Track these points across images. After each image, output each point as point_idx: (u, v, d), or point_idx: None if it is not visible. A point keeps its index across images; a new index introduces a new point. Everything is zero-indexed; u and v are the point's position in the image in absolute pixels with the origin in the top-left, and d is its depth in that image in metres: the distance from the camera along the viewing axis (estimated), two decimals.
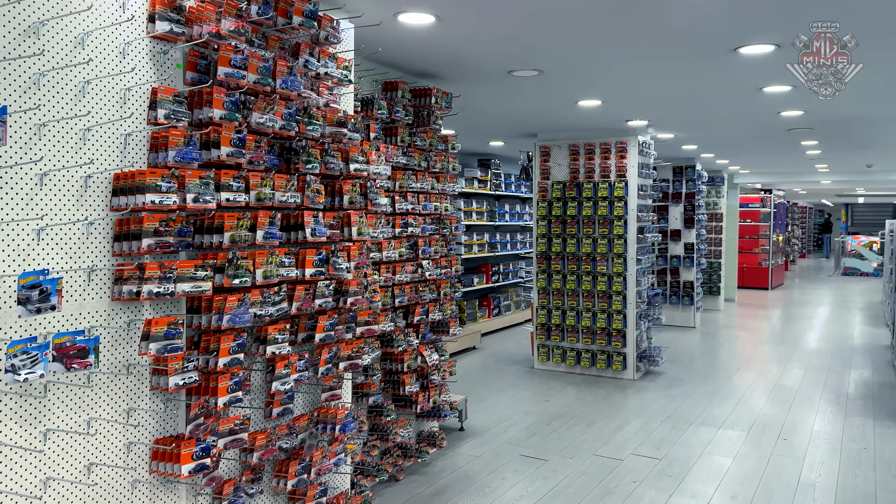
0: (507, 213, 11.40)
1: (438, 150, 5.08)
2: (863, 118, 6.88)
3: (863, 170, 13.78)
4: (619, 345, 7.80)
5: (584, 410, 6.56)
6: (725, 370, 8.30)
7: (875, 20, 3.59)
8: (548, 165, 8.24)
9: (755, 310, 13.99)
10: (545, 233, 8.18)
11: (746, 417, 6.31)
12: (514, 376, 7.98)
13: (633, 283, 7.76)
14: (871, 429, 6.00)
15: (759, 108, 6.39)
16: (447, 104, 5.05)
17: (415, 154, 4.80)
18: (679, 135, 8.53)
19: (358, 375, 4.07)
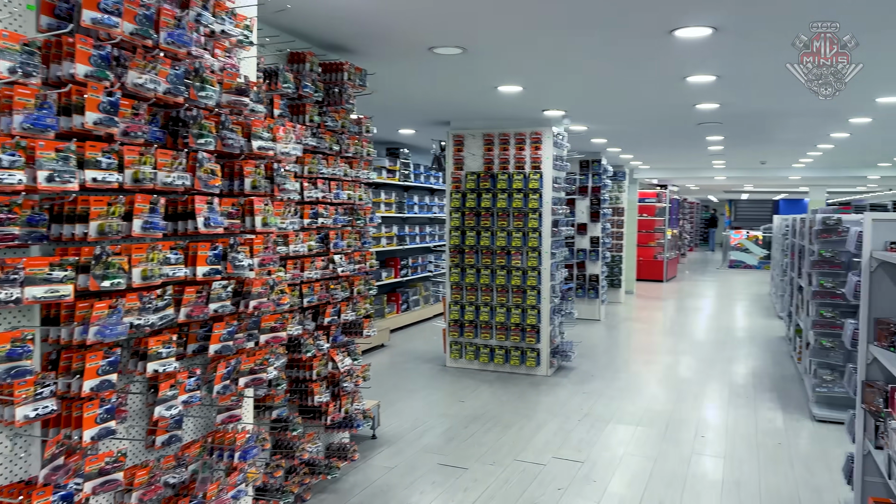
0: (416, 205, 10.99)
1: (351, 132, 4.59)
2: (769, 112, 6.95)
3: (756, 166, 14.34)
4: (533, 340, 7.58)
5: (500, 411, 6.26)
6: (634, 364, 8.27)
7: (797, 12, 3.46)
8: (461, 155, 7.89)
9: (654, 301, 14.29)
10: (459, 225, 7.83)
11: (662, 414, 6.22)
12: (426, 376, 7.60)
13: (548, 277, 7.55)
14: (781, 422, 6.04)
15: (679, 100, 6.29)
16: (361, 82, 4.57)
17: (325, 136, 4.29)
18: (592, 127, 8.40)
19: (261, 389, 3.54)
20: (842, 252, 6.18)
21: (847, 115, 6.98)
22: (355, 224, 4.61)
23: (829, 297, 6.15)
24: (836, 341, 6.15)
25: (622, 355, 8.80)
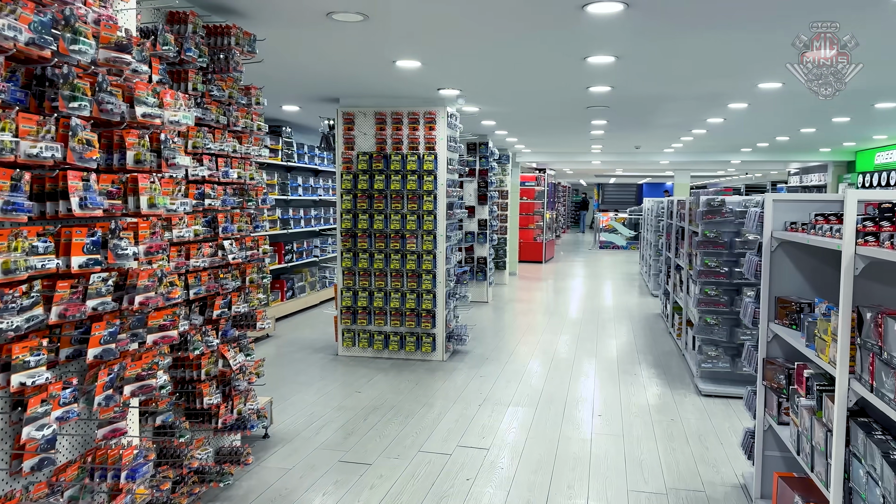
0: (300, 187, 10.48)
1: (240, 104, 4.15)
2: (657, 96, 7.12)
3: (630, 151, 14.93)
4: (429, 326, 7.41)
5: (399, 400, 6.05)
6: (526, 345, 8.32)
7: None
8: (352, 134, 7.53)
9: (536, 282, 14.59)
10: (350, 208, 7.48)
11: (558, 395, 6.25)
12: (318, 366, 7.24)
13: (443, 260, 7.39)
14: (671, 398, 6.24)
15: (575, 81, 6.28)
16: (250, 48, 4.14)
17: (211, 107, 3.84)
18: (484, 109, 8.30)
19: None
20: (725, 232, 6.46)
21: (728, 100, 7.29)
22: (246, 206, 4.19)
23: (713, 275, 6.41)
24: (719, 318, 6.43)
25: (514, 337, 8.84)
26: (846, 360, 2.61)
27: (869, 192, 2.62)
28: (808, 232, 3.43)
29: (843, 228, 2.60)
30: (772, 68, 5.56)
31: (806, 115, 8.36)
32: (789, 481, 3.48)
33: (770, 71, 5.68)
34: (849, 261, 2.58)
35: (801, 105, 7.47)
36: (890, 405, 2.22)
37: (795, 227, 3.68)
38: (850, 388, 2.60)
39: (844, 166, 14.65)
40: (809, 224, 3.45)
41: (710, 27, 4.30)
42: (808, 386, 3.18)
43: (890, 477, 2.16)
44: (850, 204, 2.58)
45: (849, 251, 2.58)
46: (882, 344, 2.30)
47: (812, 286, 3.86)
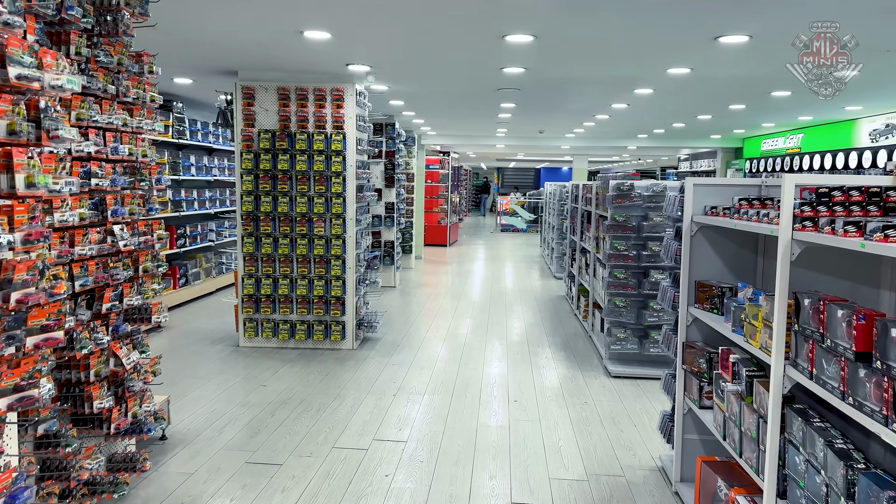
0: (192, 166, 9.81)
1: (131, 72, 3.70)
2: (569, 79, 7.10)
3: (534, 135, 15.06)
4: (339, 313, 7.11)
5: (309, 393, 5.75)
6: (437, 331, 8.18)
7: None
8: (252, 111, 7.06)
9: (442, 266, 14.51)
10: (252, 190, 7.03)
11: (472, 381, 6.15)
12: (217, 359, 6.78)
13: (353, 245, 7.10)
14: (582, 381, 6.27)
15: (489, 60, 6.13)
16: (142, 10, 3.69)
17: (98, 74, 3.39)
18: (393, 87, 8.02)
19: None
20: (633, 216, 6.54)
21: (636, 85, 7.37)
22: (138, 186, 3.76)
23: (622, 259, 6.48)
24: (628, 301, 6.52)
25: (424, 322, 8.69)
26: (782, 346, 2.59)
27: (806, 177, 2.61)
28: (731, 216, 3.44)
29: (781, 213, 2.57)
30: (684, 53, 5.62)
31: (706, 101, 8.63)
32: (713, 465, 3.51)
33: (682, 56, 5.75)
34: (785, 246, 2.56)
35: (704, 91, 7.68)
36: (834, 393, 2.19)
37: (716, 212, 3.69)
38: (785, 375, 2.59)
39: (732, 152, 15.43)
40: (733, 208, 3.45)
41: (633, 6, 4.24)
42: (735, 371, 3.18)
43: (835, 465, 2.14)
44: (788, 188, 2.54)
45: (785, 236, 2.55)
46: (825, 331, 2.27)
47: (731, 270, 3.90)
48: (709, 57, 5.63)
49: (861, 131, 9.96)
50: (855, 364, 2.07)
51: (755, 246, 3.88)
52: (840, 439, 2.24)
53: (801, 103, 8.48)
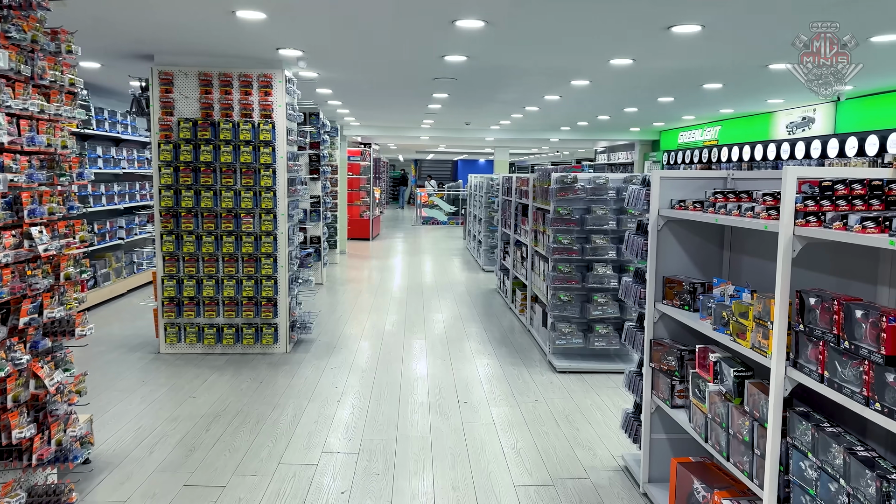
0: (99, 158, 9.05)
1: (47, 51, 3.21)
2: (508, 69, 6.93)
3: (460, 127, 14.90)
4: (270, 315, 6.69)
5: (245, 403, 5.34)
6: (373, 330, 7.88)
7: None
8: (171, 98, 6.51)
9: (367, 260, 14.16)
10: (171, 184, 6.49)
11: (418, 382, 5.92)
12: (138, 368, 6.24)
13: (285, 242, 6.69)
14: (529, 377, 6.16)
15: (433, 47, 5.87)
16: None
17: (9, 52, 2.90)
18: (324, 75, 7.62)
19: None
20: (576, 210, 6.47)
21: (574, 76, 7.30)
22: (58, 182, 3.29)
23: (566, 253, 6.39)
24: (572, 295, 6.44)
25: (359, 321, 8.36)
26: (783, 347, 2.49)
27: (807, 170, 2.51)
28: (705, 210, 3.34)
29: (781, 208, 2.46)
30: (633, 42, 5.55)
31: (638, 94, 8.70)
32: (688, 467, 3.42)
33: (629, 46, 5.68)
34: (787, 243, 2.45)
35: (639, 84, 7.70)
36: (854, 398, 2.09)
37: (684, 205, 3.59)
38: (786, 377, 2.49)
39: (650, 145, 15.81)
40: (707, 202, 3.36)
41: None
42: (718, 371, 3.08)
43: (861, 474, 2.04)
44: (790, 182, 2.44)
45: (787, 233, 2.45)
46: (840, 333, 2.17)
47: (696, 265, 3.82)
48: (656, 47, 5.58)
49: (778, 124, 10.35)
50: (883, 368, 1.96)
51: (721, 240, 3.82)
52: (860, 446, 2.15)
53: (727, 96, 8.69)
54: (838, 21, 3.19)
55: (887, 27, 4.88)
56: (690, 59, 6.14)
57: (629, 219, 6.33)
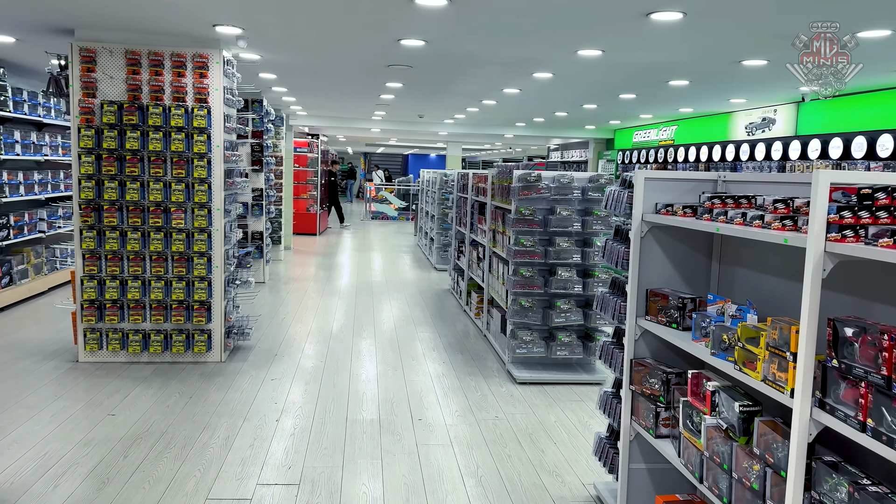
0: (17, 144, 8.20)
1: None
2: (469, 58, 6.47)
3: (412, 120, 14.37)
4: (203, 320, 6.07)
5: (171, 422, 4.74)
6: (318, 334, 7.32)
7: None
8: (94, 77, 5.82)
9: (313, 257, 13.53)
10: (93, 173, 5.81)
11: (367, 397, 5.41)
12: (52, 379, 5.54)
13: (221, 240, 6.08)
14: (487, 389, 5.72)
15: (388, 29, 5.35)
16: None
17: None
18: (267, 57, 7.01)
19: None
20: (539, 210, 6.05)
21: (538, 68, 6.88)
22: None
23: (528, 255, 5.97)
24: (534, 301, 6.03)
25: (302, 324, 7.77)
26: (809, 385, 2.09)
27: (842, 174, 2.11)
28: (699, 216, 2.94)
29: (811, 219, 2.05)
30: (606, 29, 5.14)
31: (599, 89, 8.36)
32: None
33: (601, 34, 5.28)
34: (817, 261, 2.05)
35: (602, 78, 7.35)
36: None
37: (672, 210, 3.19)
38: (811, 420, 2.09)
39: (604, 143, 15.61)
40: (702, 208, 2.96)
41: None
42: (716, 402, 2.68)
43: None
44: (822, 189, 2.03)
45: (817, 249, 2.04)
46: (894, 374, 1.77)
47: (682, 276, 3.43)
48: (629, 37, 5.20)
49: (737, 124, 10.18)
50: None
51: (709, 249, 3.43)
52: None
53: (691, 94, 8.42)
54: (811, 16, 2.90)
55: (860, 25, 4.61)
56: (662, 52, 5.79)
57: (595, 220, 5.95)
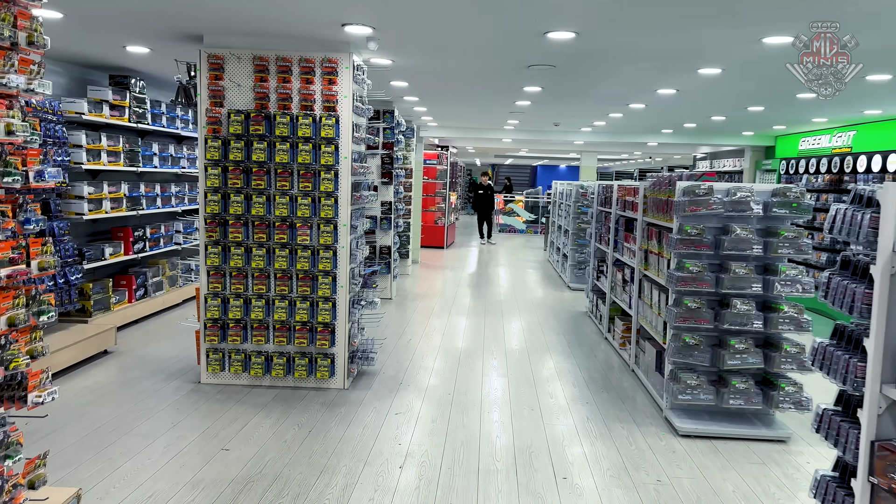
0: (155, 156, 8.26)
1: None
2: (621, 50, 5.61)
3: (546, 129, 13.59)
4: (326, 344, 5.62)
5: (287, 462, 4.26)
6: (445, 360, 6.71)
7: None
8: (221, 86, 5.55)
9: (441, 272, 13.05)
10: (219, 186, 5.53)
11: (504, 443, 4.69)
12: (171, 403, 5.27)
13: (346, 258, 5.61)
14: (643, 442, 4.84)
15: (534, 20, 4.65)
16: None
17: None
18: (399, 61, 6.52)
19: None
20: (710, 228, 5.11)
21: (702, 62, 5.92)
22: (3, 184, 2.26)
23: (695, 283, 5.03)
24: (700, 337, 5.08)
25: (429, 347, 7.21)
26: None
27: None
28: None
29: None
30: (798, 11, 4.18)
31: (773, 87, 7.20)
32: None
33: (795, 16, 4.29)
34: None
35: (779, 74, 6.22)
36: None
37: None
38: None
39: (762, 151, 14.06)
40: None
41: None
42: None
43: None
44: None
45: None
46: None
47: None
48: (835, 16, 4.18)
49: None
50: None
51: None
52: None
53: (887, 92, 7.07)
54: None
55: None
56: (874, 36, 4.68)
57: (781, 243, 4.92)
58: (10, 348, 2.24)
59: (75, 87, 7.27)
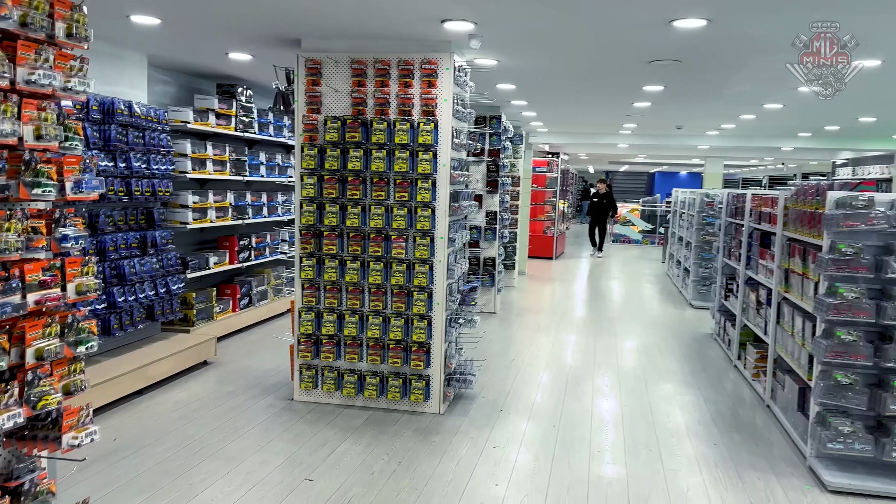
0: (262, 165, 8.25)
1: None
2: (753, 41, 4.89)
3: (667, 133, 12.68)
4: (421, 364, 5.23)
5: (371, 500, 3.87)
6: (551, 385, 6.14)
7: None
8: (318, 91, 5.31)
9: (549, 284, 12.43)
10: (315, 196, 5.28)
11: (616, 491, 4.09)
12: (261, 422, 5.05)
13: (443, 273, 5.20)
14: (782, 496, 4.08)
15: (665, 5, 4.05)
16: None
17: None
18: (504, 61, 6.06)
19: None
20: (869, 247, 4.28)
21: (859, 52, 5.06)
22: (27, 195, 1.98)
23: (850, 311, 4.22)
24: (856, 376, 4.26)
25: (533, 368, 6.67)
26: None
27: None
28: None
29: None
30: None
31: None
32: None
33: None
34: None
35: None
36: None
37: None
38: None
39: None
40: None
41: None
42: None
43: None
44: None
45: None
46: None
47: None
48: None
49: None
50: None
51: None
52: None
53: None
54: None
55: None
56: None
57: None
58: (40, 384, 1.97)
59: (184, 95, 7.33)
